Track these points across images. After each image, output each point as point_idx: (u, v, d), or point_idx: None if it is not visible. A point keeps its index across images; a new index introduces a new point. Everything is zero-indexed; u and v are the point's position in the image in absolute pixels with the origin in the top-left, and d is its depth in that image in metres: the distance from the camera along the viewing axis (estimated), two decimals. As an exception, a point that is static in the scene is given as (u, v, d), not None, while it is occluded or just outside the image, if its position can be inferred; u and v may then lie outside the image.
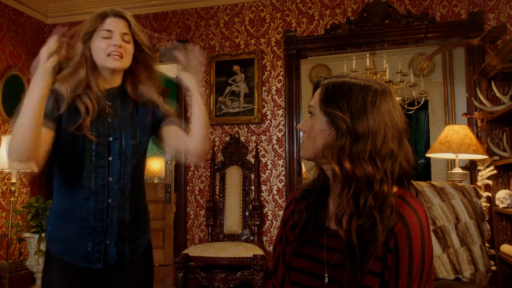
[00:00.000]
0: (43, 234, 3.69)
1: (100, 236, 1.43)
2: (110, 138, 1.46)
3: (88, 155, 1.42)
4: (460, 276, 2.36)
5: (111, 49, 1.43)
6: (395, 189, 1.02)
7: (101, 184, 1.43)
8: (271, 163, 3.95)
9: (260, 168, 3.94)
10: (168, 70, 1.61)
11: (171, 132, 1.58)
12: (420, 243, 0.95)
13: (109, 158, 1.45)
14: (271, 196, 3.92)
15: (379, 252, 0.96)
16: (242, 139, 4.03)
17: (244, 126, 4.05)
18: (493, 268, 2.64)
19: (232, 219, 3.82)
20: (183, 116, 3.74)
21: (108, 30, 1.44)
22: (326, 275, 1.03)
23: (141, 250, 1.54)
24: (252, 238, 3.73)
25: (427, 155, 3.52)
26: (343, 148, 0.97)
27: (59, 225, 1.46)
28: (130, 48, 1.48)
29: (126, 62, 1.48)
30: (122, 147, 1.47)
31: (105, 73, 1.48)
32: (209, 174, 4.04)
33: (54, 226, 1.47)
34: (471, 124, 3.49)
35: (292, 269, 1.11)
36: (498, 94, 2.97)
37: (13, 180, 3.68)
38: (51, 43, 1.30)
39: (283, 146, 3.93)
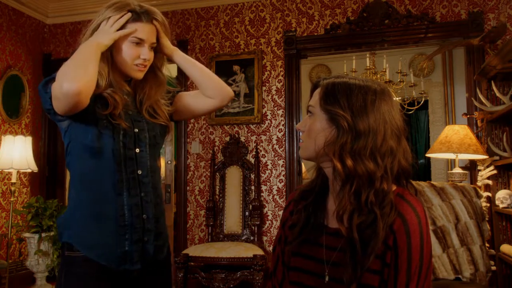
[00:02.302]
0: (43, 234, 3.69)
1: (138, 234, 1.33)
2: (136, 130, 1.39)
3: (116, 146, 1.33)
4: (460, 276, 2.36)
5: (139, 61, 1.36)
6: (394, 187, 1.03)
7: (132, 177, 1.35)
8: (271, 163, 3.95)
9: (260, 168, 3.94)
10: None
11: (183, 98, 1.53)
12: (419, 240, 0.96)
13: (136, 150, 1.37)
14: (271, 196, 3.92)
15: (378, 250, 0.96)
16: (242, 139, 4.03)
17: (244, 126, 4.05)
18: (493, 268, 2.64)
19: (232, 219, 3.82)
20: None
21: (140, 39, 1.35)
22: (326, 273, 1.03)
23: (166, 249, 1.48)
24: (252, 238, 3.73)
25: (427, 155, 3.52)
26: (345, 145, 0.98)
27: (90, 224, 1.32)
28: (152, 56, 1.41)
29: (146, 70, 1.42)
30: (149, 139, 1.41)
31: (122, 75, 1.41)
32: (209, 174, 4.04)
33: (83, 227, 1.32)
34: (471, 124, 3.48)
35: (292, 269, 1.11)
36: (498, 94, 2.97)
37: (13, 180, 3.68)
38: (121, 19, 1.31)
39: (283, 146, 3.93)
